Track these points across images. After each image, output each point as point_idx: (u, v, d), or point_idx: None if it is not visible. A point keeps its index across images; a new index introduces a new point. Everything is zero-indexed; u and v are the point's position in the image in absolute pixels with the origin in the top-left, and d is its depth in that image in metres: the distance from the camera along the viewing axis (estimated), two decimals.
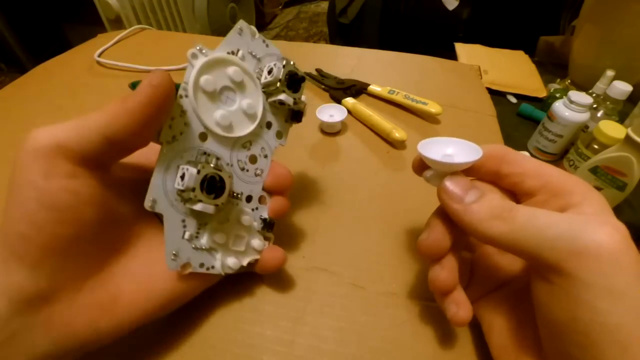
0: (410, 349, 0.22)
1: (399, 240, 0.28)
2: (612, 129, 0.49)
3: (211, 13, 1.33)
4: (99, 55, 0.52)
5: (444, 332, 0.22)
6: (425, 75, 0.52)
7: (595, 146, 0.51)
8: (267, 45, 0.21)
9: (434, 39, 1.12)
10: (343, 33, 1.41)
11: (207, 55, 0.18)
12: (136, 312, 0.18)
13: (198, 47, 0.18)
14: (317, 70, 0.50)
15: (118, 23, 1.06)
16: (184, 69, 0.48)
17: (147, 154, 0.20)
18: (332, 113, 0.39)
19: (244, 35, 0.20)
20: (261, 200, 0.22)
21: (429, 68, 0.54)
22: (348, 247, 0.27)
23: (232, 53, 0.19)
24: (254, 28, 0.20)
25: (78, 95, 0.45)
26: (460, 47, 0.85)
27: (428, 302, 0.24)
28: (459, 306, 0.19)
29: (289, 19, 2.29)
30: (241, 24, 0.19)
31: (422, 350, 0.21)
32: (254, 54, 0.20)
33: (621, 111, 0.59)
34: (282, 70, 0.20)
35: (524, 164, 0.19)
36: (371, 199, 0.31)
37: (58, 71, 0.50)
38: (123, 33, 0.59)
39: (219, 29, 1.39)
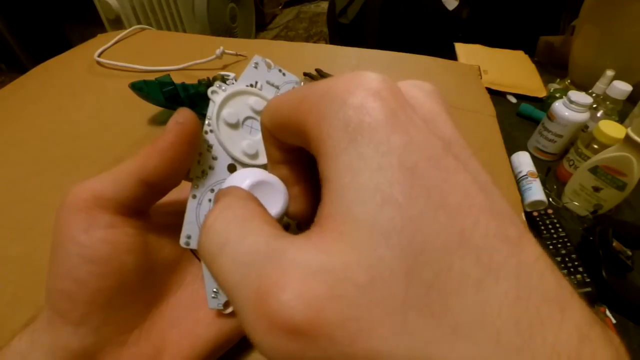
0: None
1: None
2: (612, 129, 0.49)
3: (211, 13, 1.33)
4: (99, 55, 0.52)
5: None
6: (425, 75, 0.52)
7: (595, 146, 0.51)
8: (284, 74, 0.22)
9: (434, 39, 1.12)
10: (343, 33, 1.42)
11: (227, 90, 0.19)
12: None
13: (217, 85, 0.18)
14: (317, 70, 0.50)
15: (118, 23, 1.06)
16: (184, 69, 0.48)
17: (179, 195, 0.19)
18: None
19: (260, 68, 0.20)
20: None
21: (428, 68, 0.54)
22: None
23: (251, 86, 0.20)
24: (269, 60, 0.21)
25: (78, 95, 0.45)
26: (460, 47, 0.85)
27: None
28: None
29: (289, 19, 2.29)
30: (256, 58, 0.20)
31: None
32: (271, 82, 0.21)
33: (621, 111, 0.59)
34: None
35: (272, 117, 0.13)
36: None
37: (58, 71, 0.50)
38: (123, 33, 0.59)
39: (219, 29, 1.39)
